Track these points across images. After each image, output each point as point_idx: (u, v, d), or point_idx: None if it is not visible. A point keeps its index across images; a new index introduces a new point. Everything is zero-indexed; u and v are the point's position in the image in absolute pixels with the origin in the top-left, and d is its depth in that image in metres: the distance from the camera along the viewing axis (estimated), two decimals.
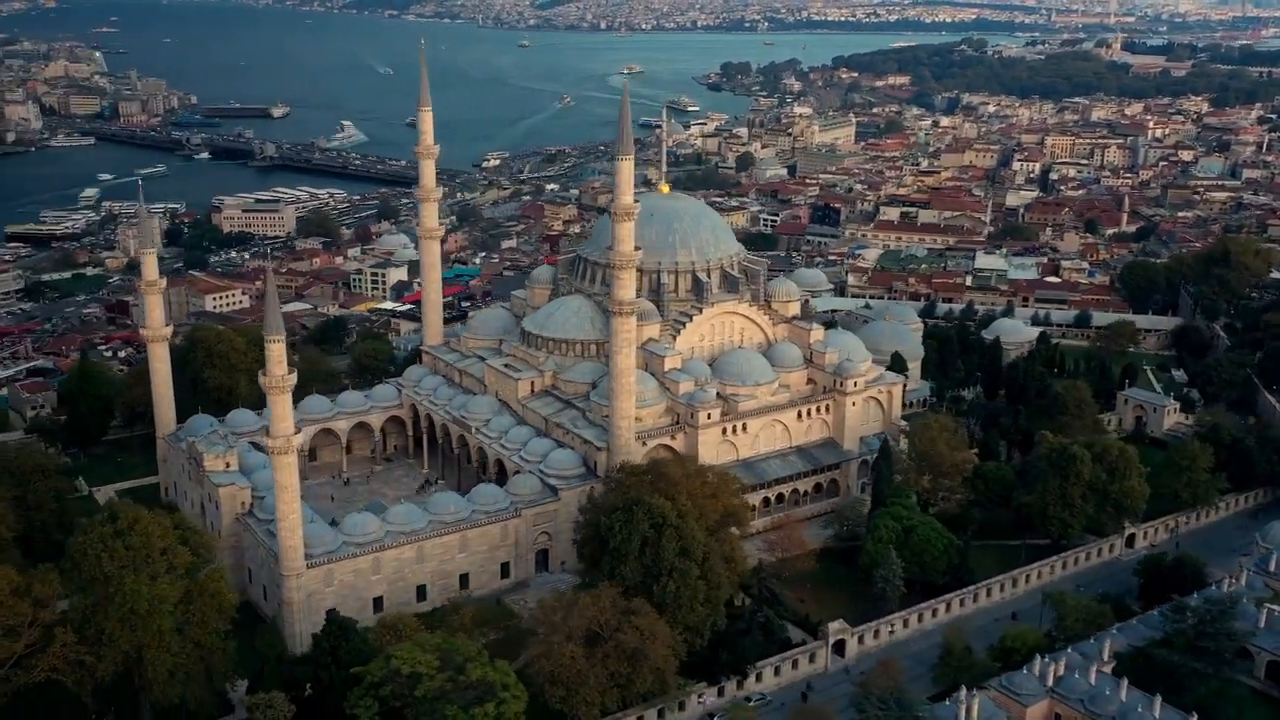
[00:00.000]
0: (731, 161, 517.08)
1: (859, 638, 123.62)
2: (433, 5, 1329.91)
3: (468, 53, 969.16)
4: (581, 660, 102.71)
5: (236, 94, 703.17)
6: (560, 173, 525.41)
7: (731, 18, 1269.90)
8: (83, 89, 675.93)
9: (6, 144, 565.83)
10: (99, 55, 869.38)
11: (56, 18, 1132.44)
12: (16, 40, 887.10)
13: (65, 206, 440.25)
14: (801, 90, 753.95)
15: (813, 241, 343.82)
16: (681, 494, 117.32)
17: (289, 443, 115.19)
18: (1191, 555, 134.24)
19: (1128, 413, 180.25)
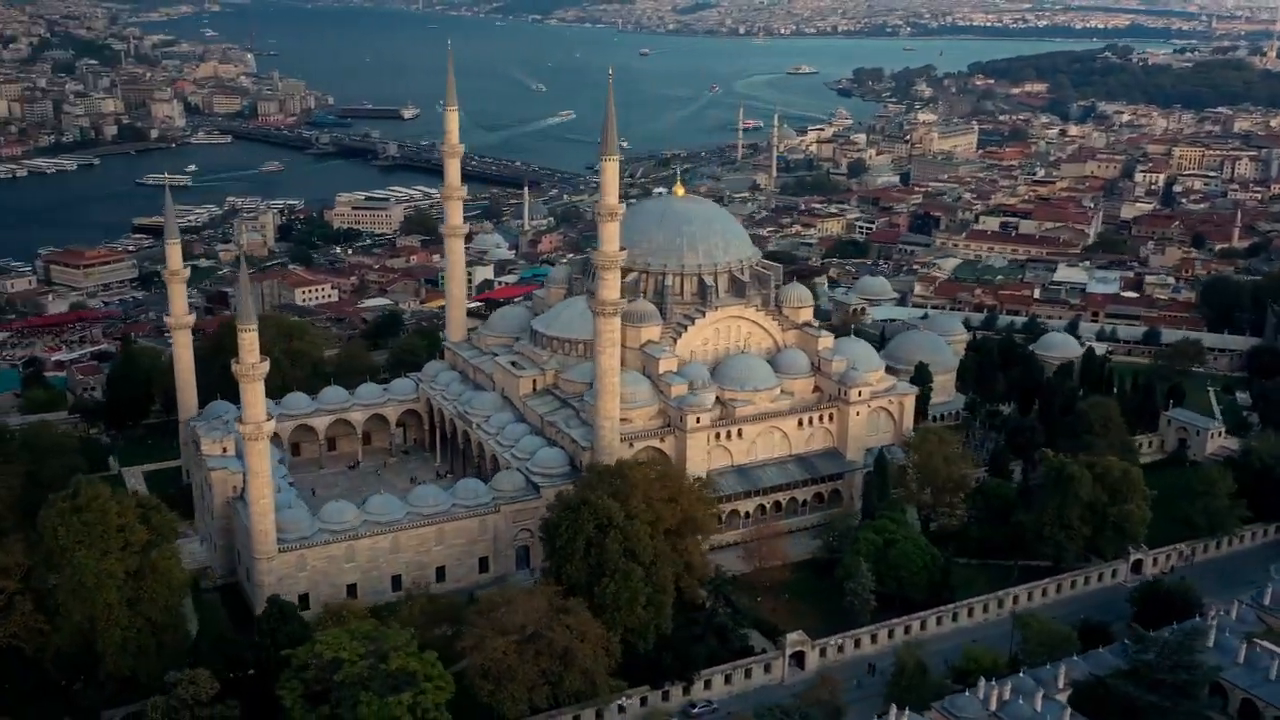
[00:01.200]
0: (845, 168, 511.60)
1: (821, 650, 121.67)
2: (576, 10, 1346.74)
3: (604, 57, 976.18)
4: (512, 656, 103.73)
5: (376, 95, 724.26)
6: (671, 175, 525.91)
7: (873, 23, 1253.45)
8: (227, 89, 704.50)
9: (150, 140, 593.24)
10: (250, 57, 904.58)
11: (211, 21, 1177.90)
12: (176, 42, 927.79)
13: (191, 202, 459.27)
14: (932, 96, 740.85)
15: (902, 250, 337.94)
16: (637, 496, 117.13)
17: (259, 429, 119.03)
18: (1185, 584, 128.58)
19: (1170, 434, 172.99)
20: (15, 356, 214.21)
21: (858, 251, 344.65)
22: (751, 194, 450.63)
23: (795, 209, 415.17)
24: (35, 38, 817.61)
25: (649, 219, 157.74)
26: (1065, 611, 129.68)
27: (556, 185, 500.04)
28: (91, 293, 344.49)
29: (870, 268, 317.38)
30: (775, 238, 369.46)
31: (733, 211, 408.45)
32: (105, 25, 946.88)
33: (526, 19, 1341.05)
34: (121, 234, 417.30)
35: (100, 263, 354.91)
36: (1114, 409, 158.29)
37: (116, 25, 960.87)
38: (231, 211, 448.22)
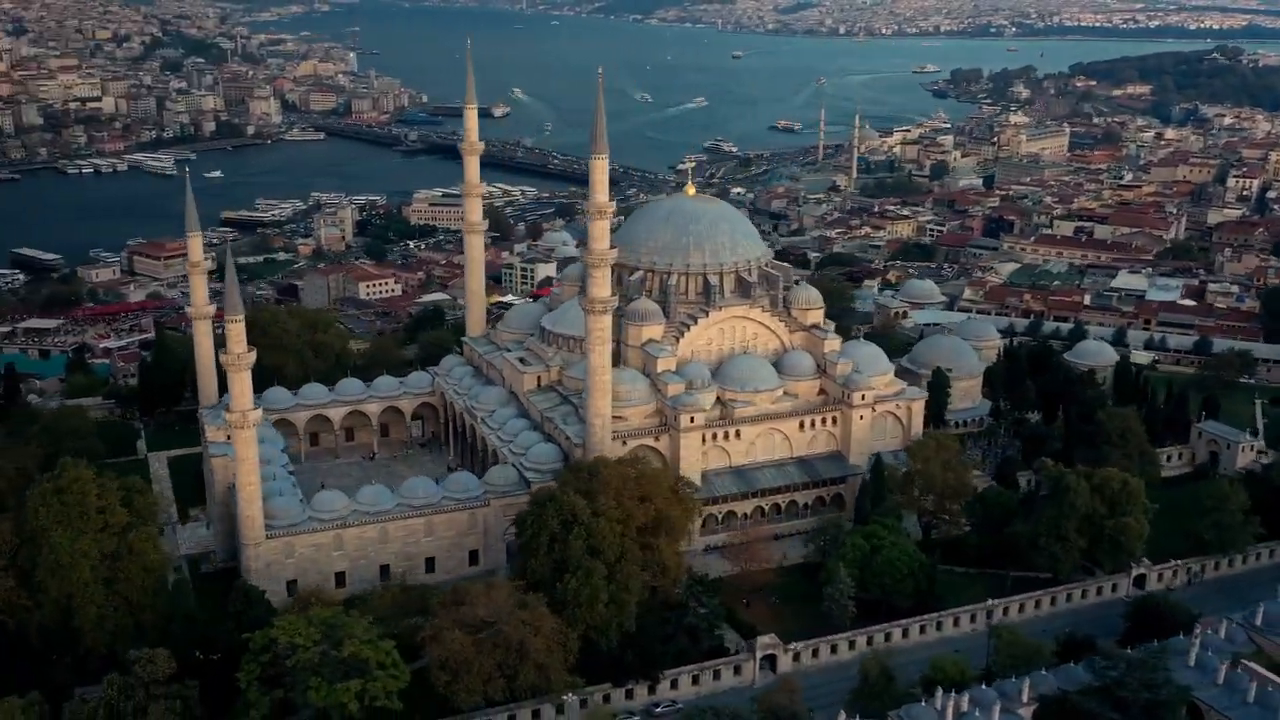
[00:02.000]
0: (928, 170, 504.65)
1: (794, 654, 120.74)
2: (676, 10, 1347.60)
3: (697, 59, 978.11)
4: (469, 648, 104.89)
5: (483, 95, 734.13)
6: (751, 176, 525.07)
7: (977, 23, 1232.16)
8: (325, 87, 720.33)
9: (246, 136, 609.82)
10: (352, 55, 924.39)
11: (321, 20, 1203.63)
12: (281, 41, 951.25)
13: (276, 197, 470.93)
14: (1029, 98, 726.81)
15: (970, 253, 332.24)
16: (607, 494, 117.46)
17: (245, 418, 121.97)
18: (1179, 601, 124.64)
19: (1201, 446, 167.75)
20: (66, 343, 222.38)
21: (924, 255, 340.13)
22: (827, 195, 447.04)
23: (869, 211, 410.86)
24: (148, 36, 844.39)
25: (656, 218, 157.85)
26: (1058, 625, 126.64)
27: (636, 184, 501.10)
28: (171, 283, 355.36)
29: (933, 271, 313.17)
30: (843, 239, 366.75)
31: (805, 213, 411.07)
32: (215, 24, 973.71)
33: (628, 18, 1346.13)
34: (209, 227, 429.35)
35: (180, 254, 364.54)
36: (1133, 419, 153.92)
37: (226, 25, 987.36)
38: (315, 206, 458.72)
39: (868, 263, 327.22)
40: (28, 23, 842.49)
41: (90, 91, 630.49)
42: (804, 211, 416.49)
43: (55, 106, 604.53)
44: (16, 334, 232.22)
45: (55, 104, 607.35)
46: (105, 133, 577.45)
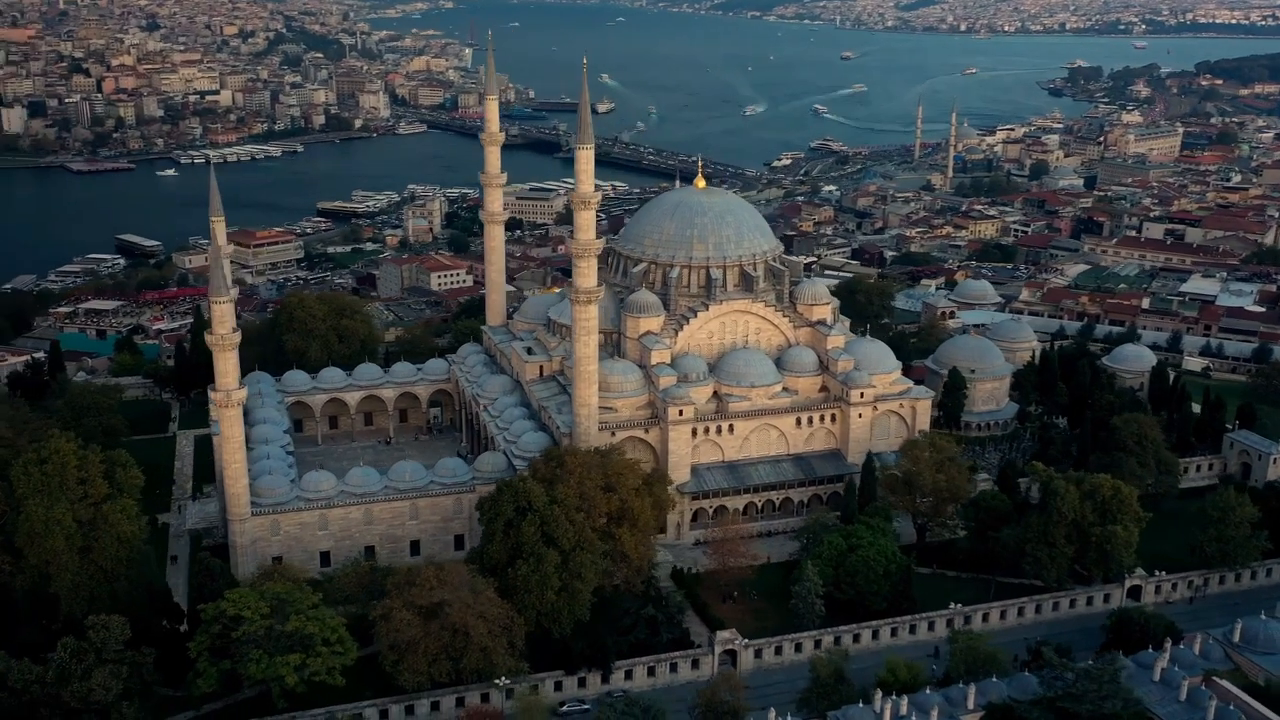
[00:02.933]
0: (1028, 169, 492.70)
1: (756, 651, 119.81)
2: (795, 7, 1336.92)
3: (804, 56, 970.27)
4: (416, 629, 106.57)
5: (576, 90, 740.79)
6: (846, 174, 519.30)
7: (1105, 20, 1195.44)
8: (436, 82, 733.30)
9: (354, 129, 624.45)
10: (468, 52, 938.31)
11: (444, 17, 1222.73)
12: (401, 37, 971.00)
13: (373, 188, 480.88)
14: (1148, 97, 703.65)
15: (1052, 254, 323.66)
16: (569, 483, 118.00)
17: (229, 397, 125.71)
18: (1163, 616, 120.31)
19: (1233, 457, 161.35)
20: (123, 324, 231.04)
21: (1003, 255, 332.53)
22: (917, 195, 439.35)
23: (956, 210, 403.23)
24: (272, 32, 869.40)
25: (663, 210, 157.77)
26: (1041, 633, 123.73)
27: (726, 181, 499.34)
28: (260, 270, 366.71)
29: (1008, 272, 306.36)
30: (921, 239, 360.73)
31: (891, 212, 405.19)
32: (338, 21, 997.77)
33: (745, 15, 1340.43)
34: (304, 216, 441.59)
35: (269, 243, 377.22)
36: (1149, 425, 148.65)
37: (348, 21, 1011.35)
38: (409, 198, 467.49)
39: (942, 262, 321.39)
40: (161, 19, 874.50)
41: (209, 85, 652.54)
42: (889, 210, 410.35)
43: (176, 99, 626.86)
44: (78, 314, 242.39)
45: (176, 97, 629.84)
46: (219, 125, 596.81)
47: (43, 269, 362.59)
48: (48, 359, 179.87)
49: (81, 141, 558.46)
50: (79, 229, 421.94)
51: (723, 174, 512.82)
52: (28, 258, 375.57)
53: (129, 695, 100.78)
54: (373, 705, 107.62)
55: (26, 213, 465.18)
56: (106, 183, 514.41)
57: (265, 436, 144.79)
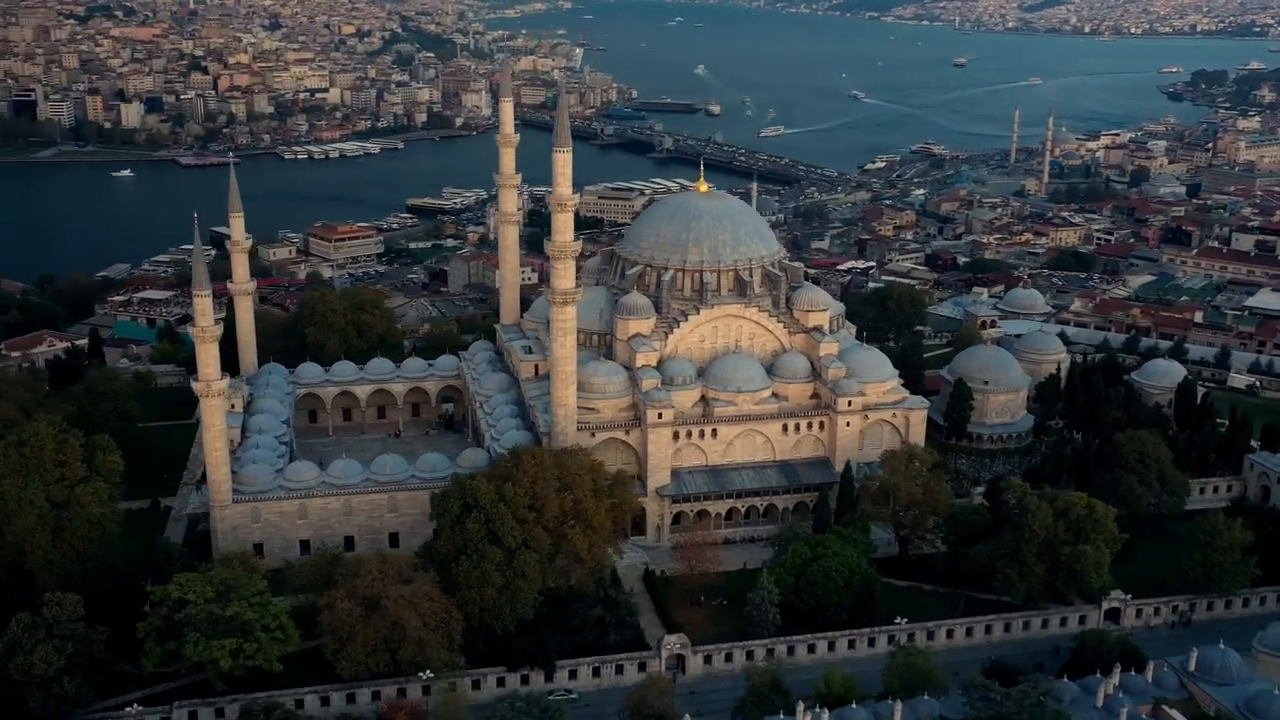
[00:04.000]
0: (1129, 175, 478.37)
1: (705, 657, 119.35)
2: (914, 7, 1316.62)
3: (912, 58, 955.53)
4: (356, 619, 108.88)
5: (689, 90, 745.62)
6: (939, 178, 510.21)
7: (1239, 21, 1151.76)
8: (538, 81, 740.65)
9: (454, 128, 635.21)
10: (579, 51, 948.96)
11: (563, 16, 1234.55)
12: (514, 37, 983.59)
13: (464, 187, 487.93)
14: (1272, 102, 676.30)
15: (1131, 263, 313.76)
16: (521, 481, 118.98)
17: (210, 387, 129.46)
18: (1128, 640, 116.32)
19: (1254, 479, 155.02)
20: (172, 313, 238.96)
21: (1079, 264, 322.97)
22: (1004, 200, 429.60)
23: (1042, 217, 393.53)
24: (388, 32, 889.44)
25: (661, 213, 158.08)
26: (1011, 652, 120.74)
27: (815, 184, 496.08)
28: (340, 264, 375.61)
29: (1080, 281, 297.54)
30: (998, 245, 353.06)
31: (975, 218, 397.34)
32: (453, 21, 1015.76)
33: (863, 15, 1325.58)
34: (392, 212, 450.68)
35: (350, 237, 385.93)
36: (1152, 443, 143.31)
37: (463, 21, 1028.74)
38: (496, 195, 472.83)
39: (1013, 269, 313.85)
40: (283, 19, 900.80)
41: (319, 83, 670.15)
42: (973, 216, 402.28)
43: (286, 96, 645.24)
44: (132, 303, 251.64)
45: (287, 94, 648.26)
46: (325, 121, 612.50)
47: (137, 258, 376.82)
48: (88, 345, 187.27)
49: (193, 136, 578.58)
50: (179, 220, 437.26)
51: (811, 177, 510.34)
52: (127, 246, 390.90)
53: (73, 670, 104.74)
54: (314, 692, 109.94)
55: (132, 204, 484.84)
56: (211, 176, 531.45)
57: (261, 426, 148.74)
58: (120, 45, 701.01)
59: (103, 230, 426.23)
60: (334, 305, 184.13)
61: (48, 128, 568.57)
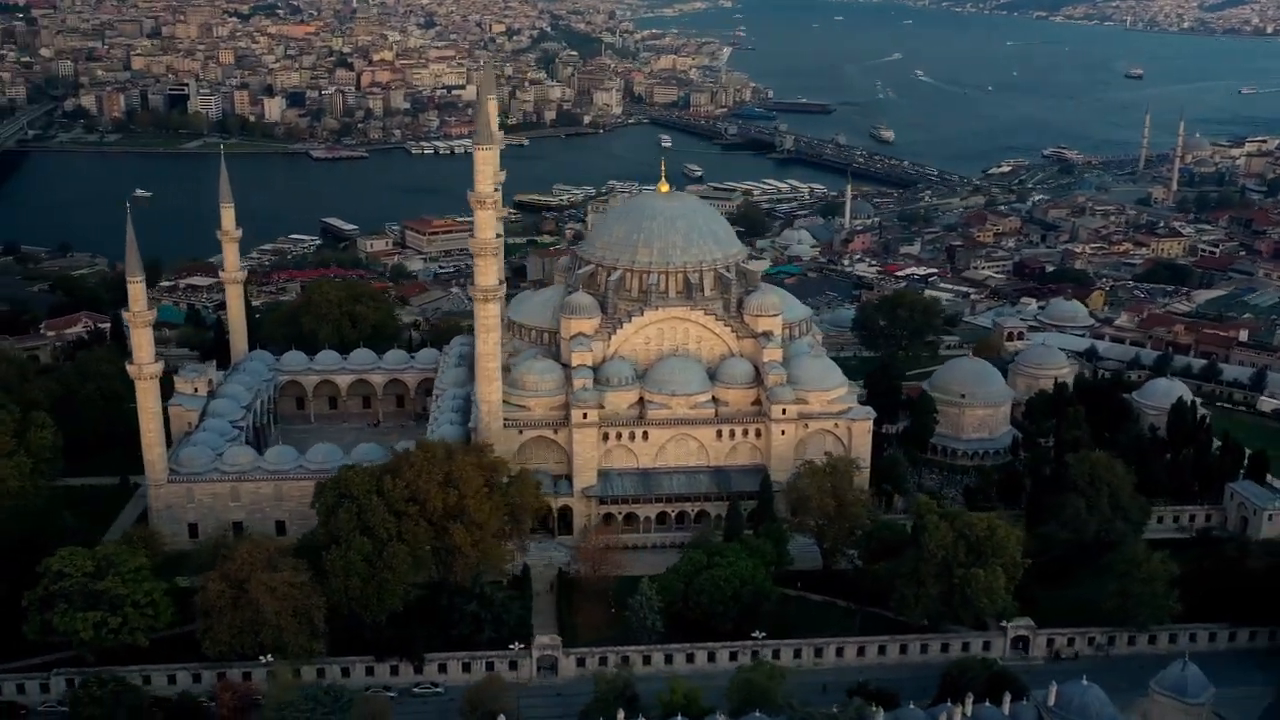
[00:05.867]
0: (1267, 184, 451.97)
1: (579, 660, 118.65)
2: (1084, 7, 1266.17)
3: (1061, 64, 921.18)
4: (223, 600, 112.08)
5: (834, 90, 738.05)
6: (1066, 183, 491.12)
7: None
8: (674, 80, 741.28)
9: (581, 126, 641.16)
10: (727, 50, 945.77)
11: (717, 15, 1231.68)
12: (661, 36, 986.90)
13: (575, 185, 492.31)
14: None
15: (1220, 277, 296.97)
16: (402, 476, 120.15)
17: (142, 370, 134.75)
18: (1007, 670, 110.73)
19: (1233, 509, 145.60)
20: (211, 298, 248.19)
21: (1173, 276, 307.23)
22: (1119, 208, 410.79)
23: (1152, 226, 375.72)
24: (537, 30, 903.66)
25: (617, 213, 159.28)
26: (908, 675, 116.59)
27: (930, 188, 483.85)
28: (433, 257, 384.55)
29: (1166, 294, 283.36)
30: (1093, 255, 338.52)
31: (1081, 225, 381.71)
32: (604, 20, 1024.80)
33: (1031, 15, 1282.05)
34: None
35: (443, 231, 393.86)
36: (1106, 465, 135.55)
37: (614, 20, 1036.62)
38: (608, 193, 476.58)
39: (1097, 280, 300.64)
40: (438, 17, 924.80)
41: (456, 80, 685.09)
42: (1080, 224, 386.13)
43: (423, 93, 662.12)
44: (177, 288, 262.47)
45: (424, 91, 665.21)
46: (455, 118, 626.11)
47: (248, 247, 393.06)
48: (110, 328, 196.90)
49: (329, 130, 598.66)
50: (298, 210, 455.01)
51: (928, 179, 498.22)
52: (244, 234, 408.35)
53: None
54: (162, 670, 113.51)
55: (261, 193, 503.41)
56: (340, 170, 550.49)
57: (219, 410, 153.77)
58: (275, 42, 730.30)
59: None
60: (329, 295, 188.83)
61: (195, 120, 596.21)
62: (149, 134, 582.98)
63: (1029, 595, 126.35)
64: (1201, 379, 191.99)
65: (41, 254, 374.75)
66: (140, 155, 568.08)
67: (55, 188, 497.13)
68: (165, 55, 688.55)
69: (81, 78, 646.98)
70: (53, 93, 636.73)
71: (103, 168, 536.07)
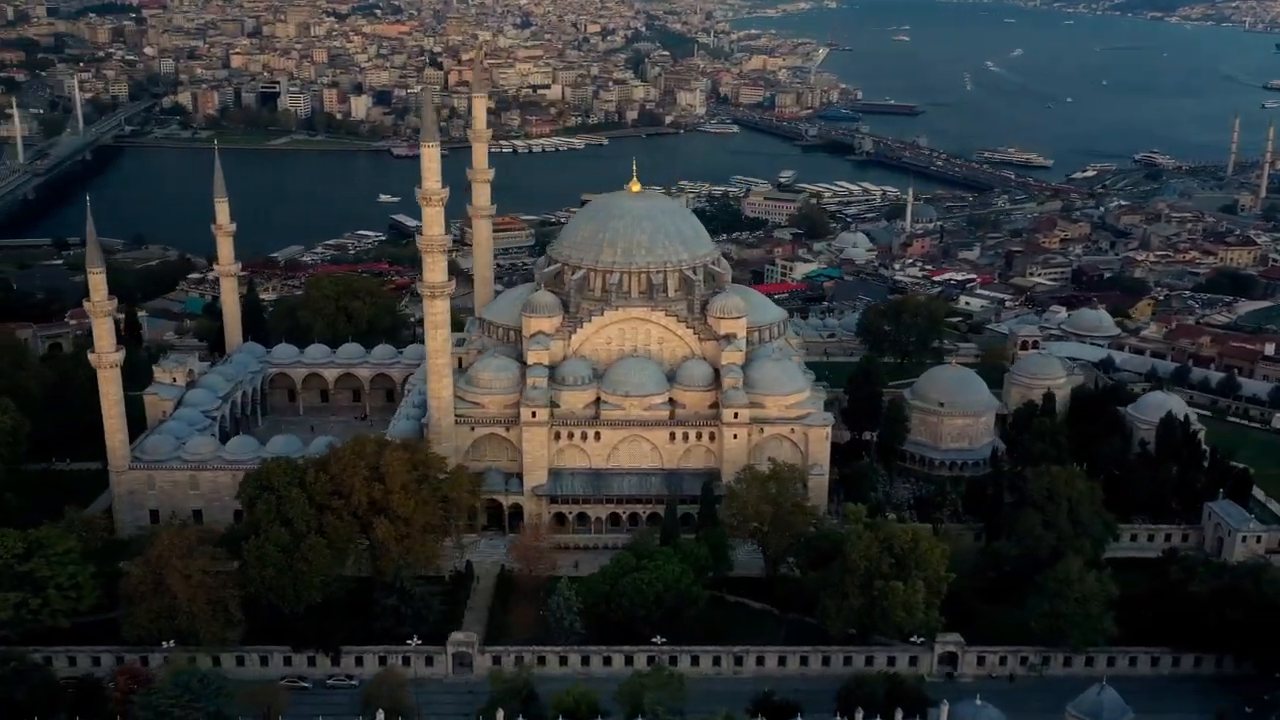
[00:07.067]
0: None
1: (494, 659, 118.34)
2: (1202, 7, 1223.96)
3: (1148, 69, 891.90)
4: (145, 586, 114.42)
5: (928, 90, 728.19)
6: (1149, 189, 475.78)
7: None
8: (761, 81, 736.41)
9: (663, 126, 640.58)
10: (822, 51, 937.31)
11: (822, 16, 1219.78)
12: (758, 36, 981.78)
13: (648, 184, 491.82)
14: None
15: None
16: (327, 469, 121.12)
17: (102, 359, 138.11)
18: (913, 686, 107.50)
19: (1210, 529, 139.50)
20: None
21: (1235, 287, 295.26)
22: (1195, 216, 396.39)
23: (1226, 234, 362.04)
24: (632, 30, 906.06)
25: (586, 213, 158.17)
26: (830, 687, 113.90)
27: (1006, 193, 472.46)
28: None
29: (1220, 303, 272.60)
30: (1155, 263, 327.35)
31: (1153, 233, 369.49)
32: (701, 20, 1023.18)
33: (1145, 15, 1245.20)
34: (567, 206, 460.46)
35: (503, 229, 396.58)
36: (1064, 480, 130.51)
37: (711, 20, 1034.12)
38: (678, 192, 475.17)
39: (1149, 288, 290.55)
40: (535, 17, 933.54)
41: (543, 79, 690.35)
42: (1152, 231, 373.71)
43: (509, 92, 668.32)
44: (206, 281, 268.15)
45: (510, 90, 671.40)
46: (537, 117, 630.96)
47: (312, 240, 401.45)
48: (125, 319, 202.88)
49: (411, 129, 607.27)
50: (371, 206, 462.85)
51: (1006, 182, 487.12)
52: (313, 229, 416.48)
53: None
54: (64, 652, 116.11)
55: (340, 189, 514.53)
56: (419, 167, 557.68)
57: (194, 400, 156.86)
58: (368, 41, 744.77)
59: (301, 213, 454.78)
60: (325, 290, 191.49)
61: (284, 118, 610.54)
62: (239, 131, 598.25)
63: (968, 610, 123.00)
64: (1219, 393, 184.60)
65: (118, 245, 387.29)
66: (229, 151, 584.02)
67: (144, 182, 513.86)
68: (262, 54, 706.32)
69: (181, 75, 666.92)
70: (154, 90, 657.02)
71: (192, 163, 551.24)
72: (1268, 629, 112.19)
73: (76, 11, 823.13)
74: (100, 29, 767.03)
